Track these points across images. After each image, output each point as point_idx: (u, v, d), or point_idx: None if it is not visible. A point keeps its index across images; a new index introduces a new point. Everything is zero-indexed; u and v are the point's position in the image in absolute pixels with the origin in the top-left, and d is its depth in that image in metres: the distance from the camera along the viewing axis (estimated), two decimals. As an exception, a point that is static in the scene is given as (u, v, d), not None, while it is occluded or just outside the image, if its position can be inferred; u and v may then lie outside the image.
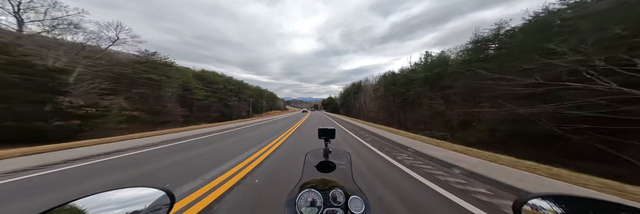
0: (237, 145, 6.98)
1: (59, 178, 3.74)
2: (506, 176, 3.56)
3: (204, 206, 2.48)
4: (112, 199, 0.57)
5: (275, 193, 2.85)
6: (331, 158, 1.16)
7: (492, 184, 3.30)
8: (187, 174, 3.71)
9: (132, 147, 6.51)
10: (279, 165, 4.42)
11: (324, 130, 1.29)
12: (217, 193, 2.87)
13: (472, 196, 2.87)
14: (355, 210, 0.79)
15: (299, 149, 6.21)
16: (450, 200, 2.72)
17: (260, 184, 3.24)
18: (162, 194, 0.64)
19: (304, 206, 0.80)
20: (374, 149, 6.53)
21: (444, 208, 2.53)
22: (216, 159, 4.94)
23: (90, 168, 4.33)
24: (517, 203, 0.55)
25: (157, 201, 0.61)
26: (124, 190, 0.62)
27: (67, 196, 2.95)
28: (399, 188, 3.12)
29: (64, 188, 3.24)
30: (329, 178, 0.95)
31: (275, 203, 2.53)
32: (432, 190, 3.08)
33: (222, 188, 3.06)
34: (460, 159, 4.77)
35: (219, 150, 6.16)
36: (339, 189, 0.86)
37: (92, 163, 4.75)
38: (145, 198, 0.61)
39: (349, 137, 9.28)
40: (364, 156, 5.53)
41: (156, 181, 3.51)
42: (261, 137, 8.96)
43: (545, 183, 3.28)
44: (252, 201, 2.63)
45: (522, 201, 0.55)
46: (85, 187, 3.28)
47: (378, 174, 3.87)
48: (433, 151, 5.72)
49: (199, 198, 2.72)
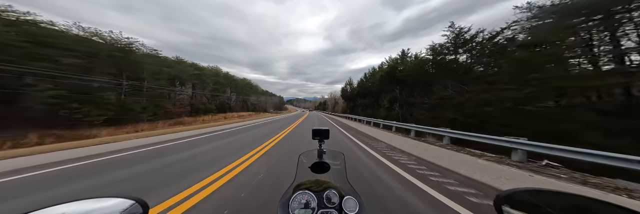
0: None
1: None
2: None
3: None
4: (78, 212, 0.49)
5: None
6: (325, 159, 1.14)
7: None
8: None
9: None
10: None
11: (318, 130, 1.26)
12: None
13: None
14: (349, 211, 0.78)
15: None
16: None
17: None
18: (133, 205, 0.56)
19: (298, 208, 0.78)
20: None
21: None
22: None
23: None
24: (498, 198, 0.55)
25: (128, 212, 0.54)
26: (90, 201, 0.53)
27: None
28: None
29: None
30: (323, 179, 0.94)
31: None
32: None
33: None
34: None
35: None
36: (333, 190, 0.85)
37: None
38: (115, 208, 0.53)
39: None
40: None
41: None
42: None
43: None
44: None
45: (502, 196, 0.55)
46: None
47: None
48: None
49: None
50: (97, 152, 5.63)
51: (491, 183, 3.31)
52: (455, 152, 5.82)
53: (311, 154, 1.20)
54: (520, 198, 0.55)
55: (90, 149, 6.16)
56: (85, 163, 4.51)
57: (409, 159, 4.87)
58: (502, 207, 0.53)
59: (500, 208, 0.53)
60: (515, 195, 0.56)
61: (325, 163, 1.08)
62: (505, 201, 0.54)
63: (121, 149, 6.05)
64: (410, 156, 5.24)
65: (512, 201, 0.54)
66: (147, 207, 0.58)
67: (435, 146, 6.85)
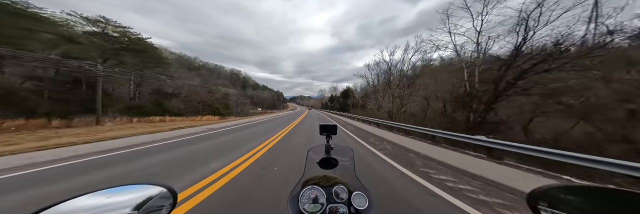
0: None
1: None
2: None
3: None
4: (111, 198, 0.53)
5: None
6: (333, 154, 1.15)
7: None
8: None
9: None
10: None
11: (326, 126, 1.27)
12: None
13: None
14: (359, 206, 0.78)
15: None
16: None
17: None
18: (164, 192, 0.61)
19: (307, 203, 0.79)
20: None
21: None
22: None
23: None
24: (531, 196, 0.54)
25: (158, 200, 0.58)
26: (123, 188, 0.58)
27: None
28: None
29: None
30: (331, 175, 0.95)
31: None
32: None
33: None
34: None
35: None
36: (341, 186, 0.85)
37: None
38: (146, 196, 0.58)
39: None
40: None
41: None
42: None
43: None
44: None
45: (535, 193, 0.54)
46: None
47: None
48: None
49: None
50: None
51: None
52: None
53: (319, 150, 1.21)
54: (553, 194, 0.53)
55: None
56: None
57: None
58: (537, 205, 0.52)
59: (536, 205, 0.52)
60: (549, 191, 0.54)
61: (333, 159, 1.09)
62: (539, 198, 0.53)
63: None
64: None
65: (546, 198, 0.53)
66: (177, 196, 0.61)
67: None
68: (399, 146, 6.73)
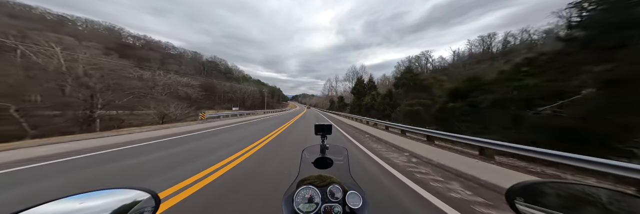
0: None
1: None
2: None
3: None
4: (85, 203, 0.50)
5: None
6: (328, 154, 1.15)
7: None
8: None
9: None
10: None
11: (321, 126, 1.26)
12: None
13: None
14: (353, 205, 0.79)
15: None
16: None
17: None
18: (147, 196, 0.59)
19: (302, 203, 0.79)
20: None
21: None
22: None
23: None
24: (509, 192, 0.56)
25: (140, 204, 0.56)
26: (98, 192, 0.55)
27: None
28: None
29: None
30: (326, 174, 0.95)
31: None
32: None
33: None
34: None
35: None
36: (336, 185, 0.86)
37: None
38: (125, 200, 0.55)
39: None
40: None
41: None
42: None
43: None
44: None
45: (513, 189, 0.56)
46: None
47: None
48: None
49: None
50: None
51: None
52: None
53: (314, 150, 1.20)
54: (531, 190, 0.55)
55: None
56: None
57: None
58: (514, 201, 0.54)
59: (513, 201, 0.54)
60: (526, 187, 0.56)
61: (328, 158, 1.10)
62: (517, 193, 0.55)
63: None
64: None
65: (523, 193, 0.54)
66: (159, 200, 0.59)
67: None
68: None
